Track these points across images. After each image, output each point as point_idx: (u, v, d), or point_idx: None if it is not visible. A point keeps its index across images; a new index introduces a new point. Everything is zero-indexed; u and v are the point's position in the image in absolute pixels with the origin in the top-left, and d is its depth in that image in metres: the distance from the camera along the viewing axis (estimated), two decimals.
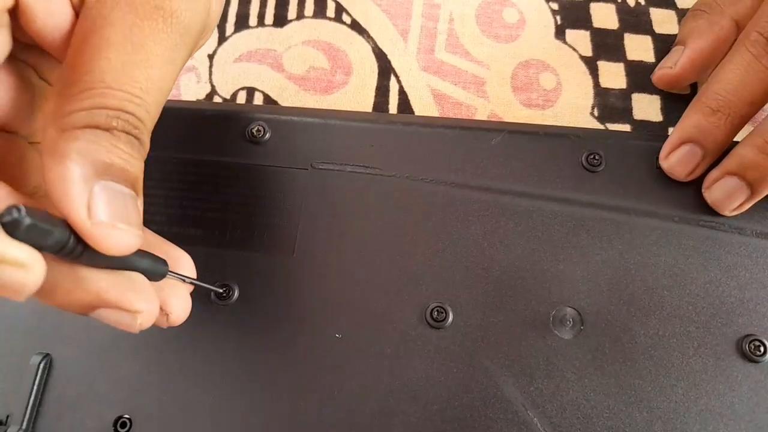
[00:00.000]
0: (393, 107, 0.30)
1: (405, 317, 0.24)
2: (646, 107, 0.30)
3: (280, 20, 0.32)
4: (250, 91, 0.31)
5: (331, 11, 0.32)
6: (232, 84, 0.31)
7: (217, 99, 0.31)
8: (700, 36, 0.28)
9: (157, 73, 0.17)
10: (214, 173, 0.27)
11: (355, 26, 0.32)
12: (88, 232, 0.15)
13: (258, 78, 0.31)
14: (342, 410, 0.23)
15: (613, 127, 0.29)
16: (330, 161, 0.27)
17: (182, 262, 0.21)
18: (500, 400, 0.23)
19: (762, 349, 0.23)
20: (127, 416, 0.24)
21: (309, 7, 0.32)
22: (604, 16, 0.31)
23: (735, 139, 0.25)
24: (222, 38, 0.32)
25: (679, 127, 0.26)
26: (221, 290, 0.25)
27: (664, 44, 0.30)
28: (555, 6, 0.32)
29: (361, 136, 0.27)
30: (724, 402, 0.23)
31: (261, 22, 0.32)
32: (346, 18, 0.32)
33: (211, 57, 0.32)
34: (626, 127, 0.29)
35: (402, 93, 0.30)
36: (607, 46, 0.31)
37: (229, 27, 0.32)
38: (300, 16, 0.32)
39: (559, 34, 0.31)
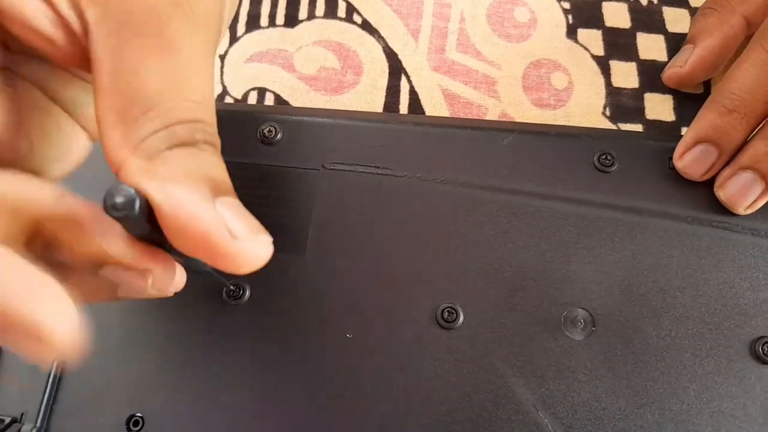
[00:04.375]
0: (404, 107, 0.30)
1: (416, 318, 0.24)
2: (659, 107, 0.29)
3: (291, 20, 0.32)
4: (261, 92, 0.31)
5: (341, 11, 0.32)
6: (243, 84, 0.31)
7: (228, 99, 0.31)
8: (710, 34, 0.28)
9: (204, 72, 0.16)
10: None
11: (366, 26, 0.32)
12: (234, 251, 0.14)
13: (269, 78, 0.31)
14: (353, 410, 0.24)
15: (625, 126, 0.29)
16: (341, 161, 0.27)
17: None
18: (511, 401, 0.23)
19: None
20: (139, 414, 0.24)
21: (320, 7, 0.32)
22: (616, 15, 0.31)
23: None
24: (233, 38, 0.32)
25: (694, 127, 0.25)
26: (234, 288, 0.25)
27: (676, 43, 0.30)
28: (567, 5, 0.32)
29: (372, 137, 0.27)
30: (737, 404, 0.23)
31: (272, 22, 0.32)
32: (356, 18, 0.32)
33: (222, 57, 0.32)
34: (638, 127, 0.29)
35: (413, 93, 0.30)
36: (619, 45, 0.31)
37: (241, 27, 0.32)
38: (311, 16, 0.32)
39: (571, 33, 0.31)
